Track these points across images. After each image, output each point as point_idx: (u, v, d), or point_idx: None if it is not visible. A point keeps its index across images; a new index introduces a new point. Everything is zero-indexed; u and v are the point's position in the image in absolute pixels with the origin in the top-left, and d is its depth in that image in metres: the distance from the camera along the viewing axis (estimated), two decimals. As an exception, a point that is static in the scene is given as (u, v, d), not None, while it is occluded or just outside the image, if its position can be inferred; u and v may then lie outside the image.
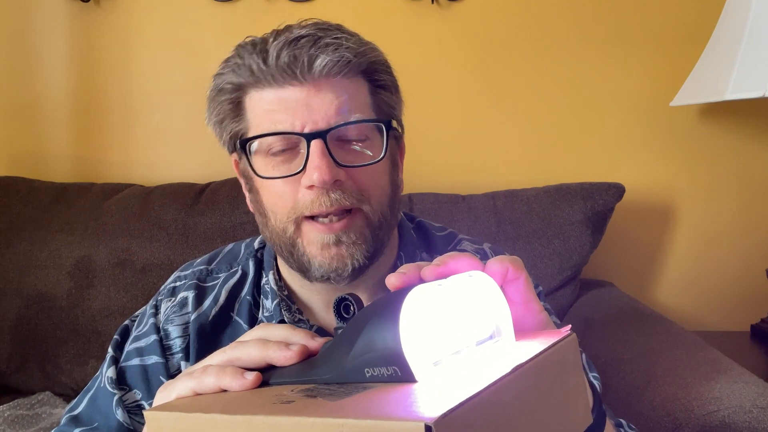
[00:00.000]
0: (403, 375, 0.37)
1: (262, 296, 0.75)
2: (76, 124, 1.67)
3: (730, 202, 1.59)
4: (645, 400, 0.93)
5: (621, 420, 0.70)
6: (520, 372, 0.35)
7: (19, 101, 1.67)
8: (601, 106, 1.59)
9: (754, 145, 1.57)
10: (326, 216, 0.64)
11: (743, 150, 1.58)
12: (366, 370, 0.39)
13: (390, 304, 0.38)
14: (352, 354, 0.39)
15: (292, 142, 0.65)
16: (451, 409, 0.29)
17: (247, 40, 0.68)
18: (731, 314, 1.59)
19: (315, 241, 0.65)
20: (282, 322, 0.72)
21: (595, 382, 0.71)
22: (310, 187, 0.63)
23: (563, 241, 1.36)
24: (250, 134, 0.66)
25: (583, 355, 0.73)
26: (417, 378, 0.36)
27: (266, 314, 0.74)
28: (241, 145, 0.67)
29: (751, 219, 1.59)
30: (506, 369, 0.35)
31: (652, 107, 1.58)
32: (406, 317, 0.37)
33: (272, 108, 0.64)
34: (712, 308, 1.61)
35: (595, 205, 1.38)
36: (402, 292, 0.39)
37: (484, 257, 0.77)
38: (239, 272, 0.77)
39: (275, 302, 0.73)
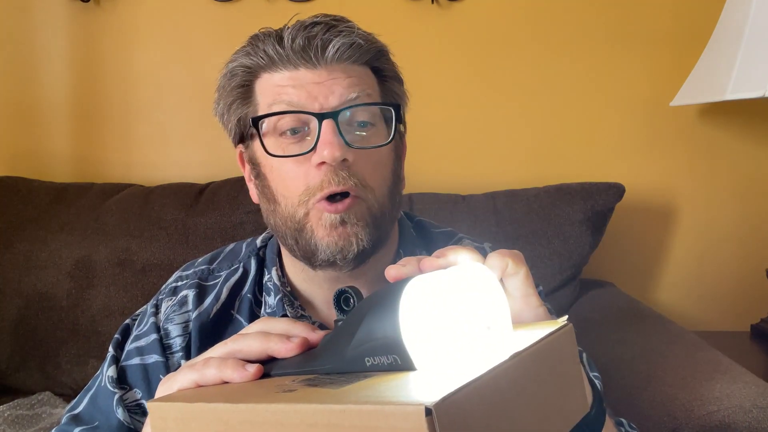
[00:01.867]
0: (403, 363, 0.37)
1: (264, 293, 0.75)
2: (76, 124, 1.67)
3: (730, 202, 1.59)
4: (645, 400, 0.93)
5: (622, 419, 0.70)
6: (518, 359, 0.36)
7: (19, 101, 1.67)
8: (601, 106, 1.59)
9: (754, 145, 1.58)
10: (337, 195, 0.64)
11: (743, 150, 1.58)
12: (366, 359, 0.39)
13: (390, 293, 0.39)
14: (353, 344, 0.40)
15: (303, 122, 0.65)
16: (451, 393, 0.30)
17: (261, 30, 0.69)
18: (731, 314, 1.59)
19: (323, 222, 0.65)
20: (284, 317, 0.72)
21: (596, 381, 0.71)
22: (320, 165, 0.63)
23: (563, 241, 1.36)
24: (260, 114, 0.67)
25: (584, 354, 0.73)
26: (416, 366, 0.37)
27: (268, 311, 0.74)
28: (253, 122, 0.67)
29: (751, 219, 1.59)
30: (504, 357, 0.35)
31: (652, 107, 1.58)
32: (405, 306, 0.37)
33: (283, 84, 0.65)
34: (712, 308, 1.61)
35: (595, 205, 1.38)
36: (402, 282, 0.39)
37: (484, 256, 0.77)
38: (240, 270, 0.77)
39: (278, 298, 0.73)
